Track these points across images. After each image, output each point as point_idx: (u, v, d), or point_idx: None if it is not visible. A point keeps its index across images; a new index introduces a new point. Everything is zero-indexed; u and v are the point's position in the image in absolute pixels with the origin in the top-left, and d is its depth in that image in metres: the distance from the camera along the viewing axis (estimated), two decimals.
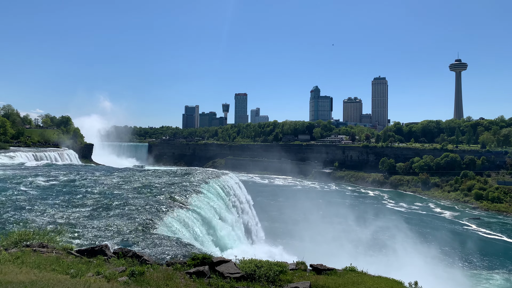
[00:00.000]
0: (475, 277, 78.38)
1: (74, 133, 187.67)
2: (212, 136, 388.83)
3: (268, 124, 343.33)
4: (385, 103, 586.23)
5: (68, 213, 35.17)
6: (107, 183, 54.23)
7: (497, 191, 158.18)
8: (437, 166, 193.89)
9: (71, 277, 13.75)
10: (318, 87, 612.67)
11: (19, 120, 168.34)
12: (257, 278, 15.90)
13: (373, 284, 16.22)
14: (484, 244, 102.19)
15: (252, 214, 67.36)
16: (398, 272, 27.19)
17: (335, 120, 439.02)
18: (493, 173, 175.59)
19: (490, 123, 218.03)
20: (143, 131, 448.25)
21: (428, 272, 69.21)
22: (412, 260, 77.56)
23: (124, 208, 38.27)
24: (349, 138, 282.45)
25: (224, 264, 16.62)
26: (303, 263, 18.99)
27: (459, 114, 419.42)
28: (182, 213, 39.57)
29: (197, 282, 14.85)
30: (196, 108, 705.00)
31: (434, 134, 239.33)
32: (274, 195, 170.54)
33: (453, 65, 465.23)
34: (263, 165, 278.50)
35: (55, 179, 56.17)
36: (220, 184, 60.74)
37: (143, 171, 73.79)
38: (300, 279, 16.69)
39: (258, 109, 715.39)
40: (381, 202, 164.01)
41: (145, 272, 15.02)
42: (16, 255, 15.86)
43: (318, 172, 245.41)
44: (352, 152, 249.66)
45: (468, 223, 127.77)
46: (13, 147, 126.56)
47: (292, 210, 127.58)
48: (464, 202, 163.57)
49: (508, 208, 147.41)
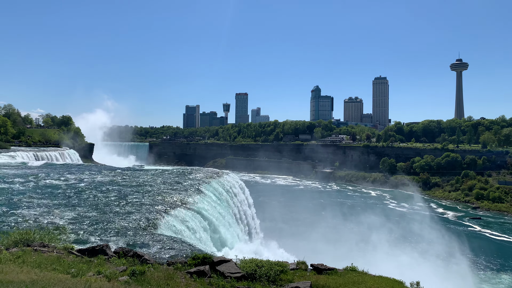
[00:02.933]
0: (480, 277, 78.22)
1: (75, 133, 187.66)
2: (212, 136, 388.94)
3: (269, 124, 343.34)
4: (386, 103, 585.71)
5: (69, 213, 35.18)
6: (107, 183, 54.24)
7: (498, 191, 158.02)
8: (438, 166, 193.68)
9: (72, 277, 13.74)
10: (319, 87, 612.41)
11: (20, 120, 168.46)
12: (257, 277, 15.89)
13: (374, 284, 16.19)
14: (490, 245, 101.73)
15: (253, 214, 67.33)
16: (400, 273, 27.15)
17: (336, 120, 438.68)
18: (494, 173, 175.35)
19: (491, 123, 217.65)
20: (144, 131, 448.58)
21: (433, 273, 69.18)
22: (412, 260, 77.46)
23: (124, 208, 38.29)
24: (350, 138, 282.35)
25: (225, 263, 16.61)
26: (304, 263, 18.97)
27: (460, 113, 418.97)
28: (183, 213, 39.57)
29: (198, 282, 14.83)
30: (197, 107, 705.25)
31: (435, 134, 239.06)
32: (275, 194, 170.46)
33: (454, 65, 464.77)
34: (263, 165, 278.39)
35: (55, 179, 56.20)
36: (221, 184, 60.69)
37: (144, 171, 73.81)
38: (300, 278, 16.67)
39: (258, 109, 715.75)
40: (382, 202, 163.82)
41: (146, 272, 15.01)
42: (17, 255, 15.87)
43: (319, 172, 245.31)
44: (353, 152, 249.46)
45: (471, 223, 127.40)
46: (14, 146, 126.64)
47: (293, 210, 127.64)
48: (465, 202, 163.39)
49: (509, 208, 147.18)
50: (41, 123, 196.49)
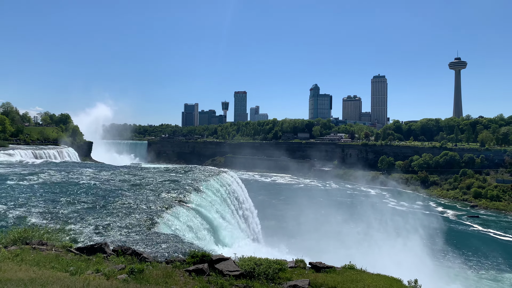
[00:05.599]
0: (480, 276, 78.36)
1: (73, 131, 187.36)
2: (211, 134, 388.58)
3: (268, 122, 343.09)
4: (385, 101, 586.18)
5: (67, 211, 35.16)
6: (106, 181, 54.20)
7: (496, 189, 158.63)
8: (436, 165, 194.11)
9: (71, 275, 13.74)
10: (317, 85, 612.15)
11: (18, 118, 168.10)
12: (256, 276, 15.90)
13: (372, 282, 16.21)
14: (490, 244, 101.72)
15: (252, 212, 67.35)
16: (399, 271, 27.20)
17: (335, 118, 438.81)
18: (492, 172, 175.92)
19: (489, 121, 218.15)
20: (142, 129, 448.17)
21: (432, 272, 69.35)
22: (411, 258, 77.58)
23: (123, 206, 38.27)
24: (348, 136, 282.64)
25: (223, 262, 16.62)
26: (302, 261, 18.99)
27: (458, 112, 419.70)
28: (181, 211, 39.58)
29: (197, 280, 14.84)
30: (196, 106, 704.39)
31: (433, 133, 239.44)
32: (273, 193, 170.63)
33: (452, 64, 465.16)
34: (262, 163, 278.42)
35: (54, 177, 56.12)
36: (220, 182, 60.70)
37: (142, 169, 73.73)
38: (299, 276, 16.70)
39: (257, 107, 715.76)
40: (382, 201, 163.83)
41: (145, 270, 15.00)
42: (15, 253, 15.86)
43: (317, 170, 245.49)
44: (352, 150, 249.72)
45: (470, 222, 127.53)
46: (12, 144, 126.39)
47: (292, 208, 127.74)
48: (463, 201, 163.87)
49: (507, 207, 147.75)
50: (40, 121, 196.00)
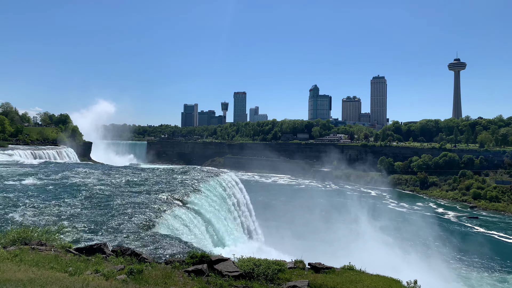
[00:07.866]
0: (481, 276, 78.39)
1: (72, 131, 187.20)
2: (211, 135, 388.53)
3: (267, 123, 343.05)
4: (384, 102, 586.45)
5: (66, 211, 35.12)
6: (105, 182, 54.15)
7: (495, 190, 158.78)
8: (436, 165, 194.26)
9: (70, 275, 13.72)
10: (317, 86, 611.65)
11: (17, 118, 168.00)
12: (255, 276, 15.89)
13: (371, 283, 16.21)
14: (490, 245, 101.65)
15: (251, 213, 67.33)
16: (399, 271, 27.24)
17: (334, 119, 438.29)
18: (491, 173, 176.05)
19: (489, 122, 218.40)
20: (142, 130, 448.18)
21: (432, 272, 69.32)
22: (411, 259, 77.64)
23: (122, 207, 38.24)
24: (348, 137, 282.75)
25: (223, 262, 16.61)
26: (302, 262, 18.97)
27: (457, 113, 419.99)
28: (181, 212, 39.55)
29: (196, 281, 14.83)
30: (195, 106, 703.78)
31: (432, 133, 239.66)
32: (273, 194, 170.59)
33: (452, 65, 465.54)
34: (262, 163, 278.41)
35: (53, 177, 56.07)
36: (219, 183, 60.66)
37: (142, 169, 73.69)
38: (298, 277, 16.69)
39: (257, 108, 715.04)
40: (382, 202, 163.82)
41: (144, 270, 14.99)
42: (14, 253, 15.82)
43: (316, 171, 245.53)
44: (351, 151, 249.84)
45: (472, 224, 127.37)
46: (11, 145, 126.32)
47: (292, 209, 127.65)
48: (462, 202, 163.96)
49: (506, 207, 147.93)
50: (39, 122, 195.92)
